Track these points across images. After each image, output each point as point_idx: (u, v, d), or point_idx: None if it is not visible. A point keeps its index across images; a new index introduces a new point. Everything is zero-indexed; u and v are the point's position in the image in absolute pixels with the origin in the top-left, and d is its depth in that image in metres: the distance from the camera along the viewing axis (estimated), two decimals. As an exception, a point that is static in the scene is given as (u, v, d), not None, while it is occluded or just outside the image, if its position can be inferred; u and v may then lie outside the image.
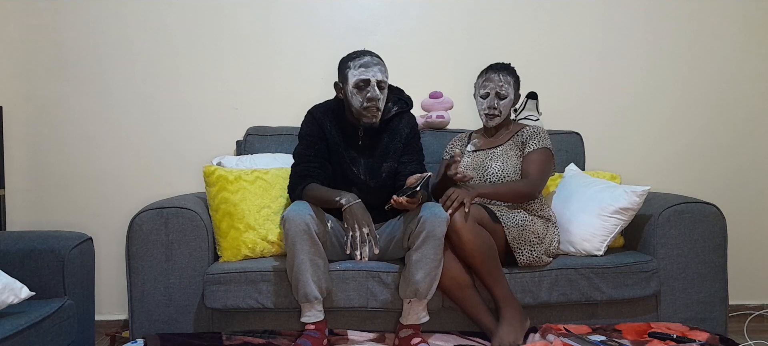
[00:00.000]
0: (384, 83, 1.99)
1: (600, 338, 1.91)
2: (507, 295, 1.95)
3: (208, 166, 2.13)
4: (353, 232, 1.79)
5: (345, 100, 2.02)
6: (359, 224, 1.79)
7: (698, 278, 2.10)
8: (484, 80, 2.19)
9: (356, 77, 1.96)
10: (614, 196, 2.12)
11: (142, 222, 1.98)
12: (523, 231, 2.01)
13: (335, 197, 1.86)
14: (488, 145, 2.24)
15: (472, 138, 2.31)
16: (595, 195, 2.17)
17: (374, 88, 1.95)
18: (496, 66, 2.22)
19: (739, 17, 2.81)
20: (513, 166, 2.14)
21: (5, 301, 1.60)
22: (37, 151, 2.62)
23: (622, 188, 2.15)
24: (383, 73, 1.99)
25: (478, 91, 2.22)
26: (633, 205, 2.10)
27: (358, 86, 1.96)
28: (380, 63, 2.00)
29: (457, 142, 2.35)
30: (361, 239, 1.78)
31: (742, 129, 2.83)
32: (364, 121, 1.98)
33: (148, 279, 1.98)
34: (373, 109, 1.96)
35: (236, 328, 2.01)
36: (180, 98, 2.66)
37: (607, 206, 2.11)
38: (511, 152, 2.17)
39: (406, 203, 1.79)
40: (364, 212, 1.83)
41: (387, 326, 2.02)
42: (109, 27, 2.62)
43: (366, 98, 1.95)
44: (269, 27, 2.69)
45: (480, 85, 2.21)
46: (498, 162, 2.14)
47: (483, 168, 2.15)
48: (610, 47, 2.79)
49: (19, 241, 1.90)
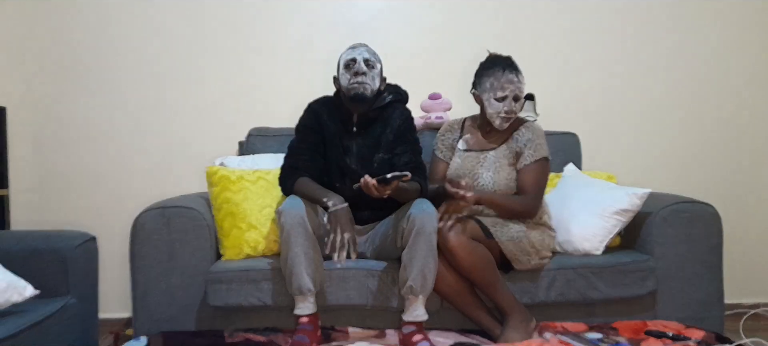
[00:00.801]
0: (372, 62, 2.06)
1: (597, 336, 1.93)
2: (510, 301, 1.95)
3: (211, 167, 2.15)
4: (335, 235, 1.83)
5: (340, 89, 2.09)
6: (342, 229, 1.84)
7: (695, 277, 2.12)
8: (502, 82, 2.02)
9: (345, 59, 2.07)
10: (615, 197, 2.14)
11: (145, 221, 2.00)
12: (519, 243, 1.99)
13: (323, 198, 1.90)
14: (480, 145, 2.15)
15: (465, 130, 2.20)
16: (596, 195, 2.19)
17: (360, 64, 2.04)
18: (506, 63, 2.06)
19: (738, 18, 2.82)
20: (504, 176, 2.06)
21: (9, 299, 1.62)
22: (40, 151, 2.64)
23: (623, 189, 2.16)
24: (371, 54, 2.08)
25: (492, 91, 2.03)
26: (633, 206, 2.12)
27: (346, 66, 2.06)
28: (369, 48, 2.10)
29: (448, 133, 2.22)
30: (340, 243, 1.82)
31: (739, 129, 2.85)
32: (353, 92, 2.02)
33: (151, 278, 2.00)
34: (359, 80, 2.02)
35: (238, 326, 2.03)
36: (183, 99, 2.68)
37: (608, 207, 2.13)
38: (504, 160, 2.09)
39: (372, 186, 1.78)
40: (349, 217, 1.87)
41: (387, 323, 2.04)
42: (112, 28, 2.64)
43: (352, 73, 2.03)
44: (271, 28, 2.70)
45: (497, 86, 2.02)
46: (489, 171, 2.07)
47: (473, 175, 2.08)
48: (606, 48, 2.81)
49: (23, 240, 1.92)
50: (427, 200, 1.91)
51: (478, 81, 2.12)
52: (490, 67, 2.08)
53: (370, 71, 2.05)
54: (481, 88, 2.09)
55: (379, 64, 2.11)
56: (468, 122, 2.23)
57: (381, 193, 1.81)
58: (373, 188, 1.79)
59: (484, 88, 2.07)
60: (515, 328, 1.91)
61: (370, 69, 2.05)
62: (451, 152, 2.19)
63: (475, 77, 2.14)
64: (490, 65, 2.08)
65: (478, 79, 2.12)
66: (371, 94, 2.05)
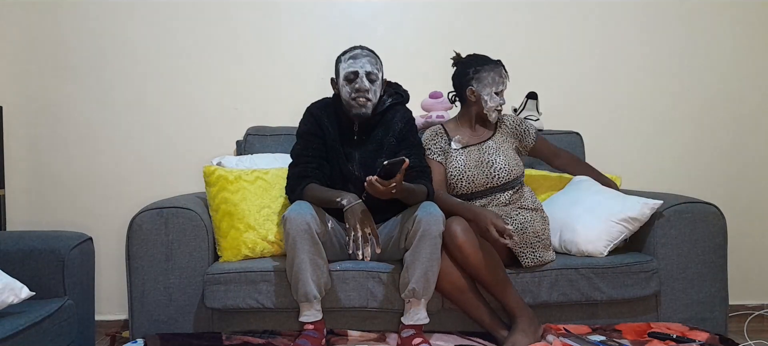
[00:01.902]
0: (374, 75, 2.01)
1: (600, 338, 1.91)
2: (518, 303, 1.93)
3: (208, 167, 2.13)
4: (356, 232, 1.80)
5: (339, 94, 2.05)
6: (361, 224, 1.81)
7: (698, 278, 2.10)
8: (502, 77, 2.15)
9: (345, 70, 2.00)
10: (626, 204, 2.11)
11: (142, 222, 1.98)
12: (524, 234, 2.00)
13: (336, 198, 1.87)
14: (475, 139, 2.20)
15: (451, 133, 2.21)
16: (606, 200, 2.16)
17: (363, 80, 1.98)
18: (496, 61, 2.18)
19: (738, 17, 2.81)
20: (512, 157, 2.15)
21: (5, 301, 1.60)
22: (37, 152, 2.62)
23: (634, 198, 2.14)
24: (373, 65, 2.01)
25: (493, 86, 2.13)
26: (643, 216, 2.09)
27: (347, 79, 2.00)
28: (371, 55, 2.03)
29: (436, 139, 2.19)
30: (363, 238, 1.79)
31: (742, 129, 2.83)
32: (354, 111, 2.00)
33: (148, 279, 1.98)
34: (361, 99, 1.98)
35: (236, 328, 2.01)
36: (180, 98, 2.66)
37: (617, 213, 2.09)
38: (505, 145, 2.18)
39: (376, 182, 1.75)
40: (365, 211, 1.84)
41: (387, 325, 2.02)
42: (109, 27, 2.63)
43: (354, 89, 1.98)
44: (269, 27, 2.69)
45: (496, 81, 2.14)
46: (500, 156, 2.13)
47: (487, 165, 2.12)
48: (610, 47, 2.79)
49: (20, 241, 1.91)
50: (433, 203, 1.89)
51: (476, 77, 2.15)
52: (485, 63, 2.17)
53: (372, 86, 2.01)
54: (481, 84, 2.15)
55: (381, 71, 2.06)
56: (450, 126, 2.25)
57: (388, 188, 1.77)
58: (378, 186, 1.76)
59: (486, 83, 2.14)
60: (523, 331, 1.89)
61: (372, 83, 2.00)
62: (443, 156, 2.18)
63: (472, 75, 2.16)
64: (485, 62, 2.17)
65: (476, 76, 2.15)
66: (372, 107, 2.02)
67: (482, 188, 2.11)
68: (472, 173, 2.11)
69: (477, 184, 2.11)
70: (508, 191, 2.12)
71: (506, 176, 2.11)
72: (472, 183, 2.11)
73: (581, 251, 2.11)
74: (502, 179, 2.10)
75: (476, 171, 2.12)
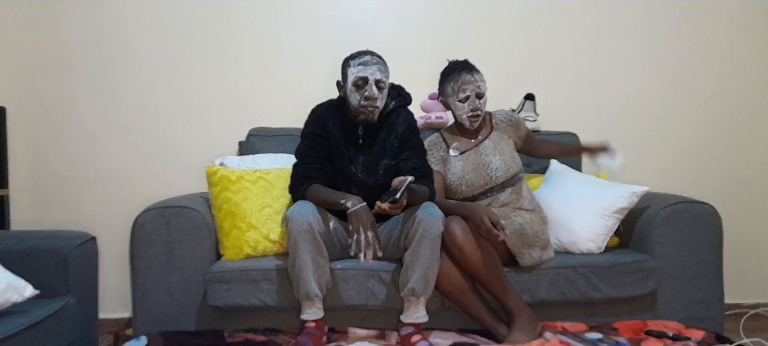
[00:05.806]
0: (383, 83, 2.01)
1: (597, 336, 1.93)
2: (517, 302, 1.95)
3: (211, 167, 2.15)
4: (359, 235, 1.81)
5: (345, 98, 2.05)
6: (364, 227, 1.81)
7: (695, 277, 2.12)
8: (461, 83, 2.10)
9: (355, 75, 1.99)
10: (616, 196, 2.16)
11: (144, 222, 1.99)
12: (522, 235, 2.02)
13: (340, 200, 1.88)
14: (472, 143, 2.20)
15: (448, 142, 2.22)
16: (595, 194, 2.20)
17: (372, 87, 1.98)
18: (463, 65, 2.15)
19: (736, 18, 2.83)
20: (509, 155, 2.16)
21: (9, 299, 1.62)
22: (40, 152, 2.63)
23: (622, 187, 2.18)
24: (382, 72, 2.02)
25: (455, 94, 2.12)
26: (632, 204, 2.17)
27: (356, 84, 2.00)
28: (380, 62, 2.03)
29: (434, 149, 2.22)
30: (365, 242, 1.81)
31: (738, 130, 2.85)
32: (361, 118, 2.01)
33: (151, 278, 2.00)
34: (370, 107, 1.99)
35: (238, 326, 2.03)
36: (183, 99, 2.68)
37: (609, 206, 2.15)
38: (502, 142, 2.18)
39: (389, 209, 1.79)
40: (369, 214, 1.85)
41: (387, 324, 2.04)
42: (112, 27, 2.64)
43: (364, 96, 1.98)
44: (271, 28, 2.70)
45: (456, 90, 2.11)
46: (496, 156, 2.13)
47: (484, 166, 2.13)
48: (606, 48, 2.81)
49: (23, 240, 1.92)
50: (434, 204, 1.91)
51: (442, 89, 2.20)
52: (449, 73, 2.17)
53: (380, 93, 2.01)
54: (447, 96, 2.17)
55: (388, 77, 2.06)
56: (446, 134, 2.27)
57: (394, 211, 1.81)
58: (387, 209, 1.79)
59: (448, 93, 2.16)
60: (522, 329, 1.91)
61: (380, 91, 2.01)
62: (442, 164, 2.20)
63: (439, 86, 2.21)
64: (449, 71, 2.17)
65: (441, 87, 2.21)
66: (378, 113, 2.04)
67: (482, 189, 2.13)
68: (470, 176, 2.13)
69: (476, 186, 2.13)
70: (507, 189, 2.13)
71: (504, 175, 2.12)
72: (472, 186, 2.13)
73: (582, 251, 2.15)
74: (500, 178, 2.12)
75: (474, 174, 2.13)
